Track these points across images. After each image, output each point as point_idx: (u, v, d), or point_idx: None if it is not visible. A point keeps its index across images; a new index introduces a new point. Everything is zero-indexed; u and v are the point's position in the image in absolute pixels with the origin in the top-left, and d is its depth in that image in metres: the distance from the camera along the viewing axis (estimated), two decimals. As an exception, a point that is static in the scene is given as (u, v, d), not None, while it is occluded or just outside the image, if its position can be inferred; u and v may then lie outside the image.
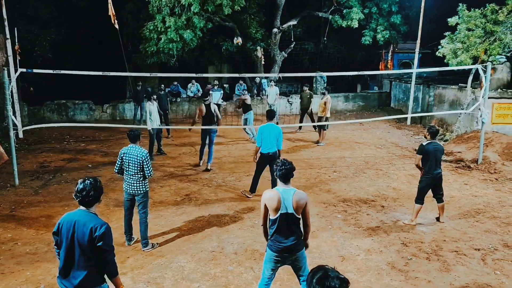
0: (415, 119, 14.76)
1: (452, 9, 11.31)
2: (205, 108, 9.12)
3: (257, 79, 17.40)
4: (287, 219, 3.78)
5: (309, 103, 13.07)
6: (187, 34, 14.76)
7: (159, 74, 13.11)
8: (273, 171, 5.85)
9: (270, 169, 7.29)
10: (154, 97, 9.95)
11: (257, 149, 7.28)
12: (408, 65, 19.61)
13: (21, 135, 9.01)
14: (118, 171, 5.53)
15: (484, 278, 4.91)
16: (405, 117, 14.33)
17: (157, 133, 10.27)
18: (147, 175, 5.44)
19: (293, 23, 18.17)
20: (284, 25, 17.88)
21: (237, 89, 16.59)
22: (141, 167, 5.38)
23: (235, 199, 7.51)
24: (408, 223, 6.42)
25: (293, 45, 18.95)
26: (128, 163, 5.40)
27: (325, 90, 12.14)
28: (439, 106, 13.76)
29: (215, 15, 15.75)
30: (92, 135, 13.36)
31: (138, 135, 5.55)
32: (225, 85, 18.52)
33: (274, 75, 15.69)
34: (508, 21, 10.35)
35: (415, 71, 13.43)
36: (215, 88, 14.82)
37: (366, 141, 12.35)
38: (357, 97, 18.82)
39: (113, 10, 12.17)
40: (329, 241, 5.84)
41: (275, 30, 17.75)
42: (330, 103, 11.58)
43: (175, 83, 17.08)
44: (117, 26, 12.69)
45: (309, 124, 13.14)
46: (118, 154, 5.53)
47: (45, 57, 15.27)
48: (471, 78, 11.53)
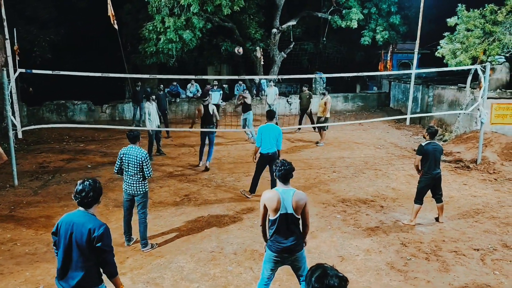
0: (414, 119, 14.77)
1: (451, 10, 11.32)
2: (203, 108, 9.13)
3: (257, 80, 17.40)
4: (287, 220, 3.78)
5: (309, 103, 13.11)
6: (187, 34, 14.76)
7: (158, 76, 13.08)
8: (273, 171, 5.85)
9: (269, 169, 7.29)
10: (153, 97, 9.95)
11: (256, 149, 7.28)
12: (407, 65, 19.63)
13: (20, 136, 8.99)
14: (117, 171, 5.54)
15: (483, 278, 4.92)
16: (404, 118, 14.34)
17: (156, 134, 10.27)
18: (147, 175, 5.44)
19: (292, 23, 18.18)
20: (283, 26, 17.88)
21: (236, 89, 16.60)
22: (140, 167, 5.39)
23: (235, 200, 7.51)
24: (407, 223, 6.42)
25: (292, 46, 18.97)
26: (127, 163, 5.41)
27: (325, 90, 12.22)
28: (438, 106, 13.77)
29: (215, 15, 15.77)
30: (91, 135, 13.36)
31: (137, 135, 5.56)
32: (224, 86, 18.52)
33: (273, 77, 15.66)
34: (507, 21, 10.37)
35: (414, 71, 13.44)
36: (214, 88, 14.80)
37: (365, 141, 12.36)
38: (356, 97, 18.84)
39: (112, 10, 12.16)
40: (328, 241, 5.84)
41: (275, 30, 17.75)
42: (330, 104, 11.62)
43: (175, 84, 17.07)
44: (116, 26, 12.66)
45: (308, 125, 13.15)
46: (117, 154, 5.54)
47: (44, 58, 15.27)
48: (470, 78, 11.54)
